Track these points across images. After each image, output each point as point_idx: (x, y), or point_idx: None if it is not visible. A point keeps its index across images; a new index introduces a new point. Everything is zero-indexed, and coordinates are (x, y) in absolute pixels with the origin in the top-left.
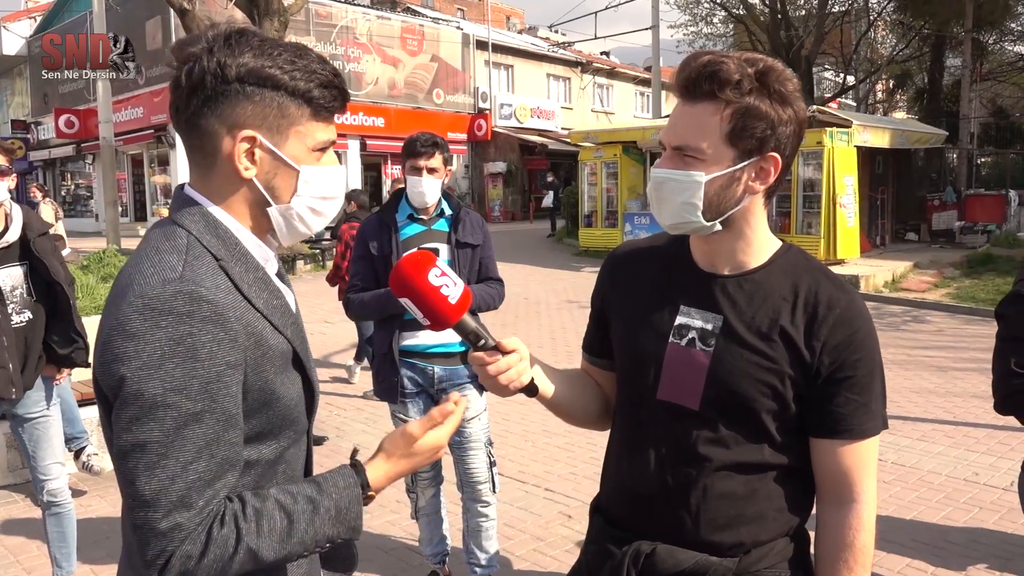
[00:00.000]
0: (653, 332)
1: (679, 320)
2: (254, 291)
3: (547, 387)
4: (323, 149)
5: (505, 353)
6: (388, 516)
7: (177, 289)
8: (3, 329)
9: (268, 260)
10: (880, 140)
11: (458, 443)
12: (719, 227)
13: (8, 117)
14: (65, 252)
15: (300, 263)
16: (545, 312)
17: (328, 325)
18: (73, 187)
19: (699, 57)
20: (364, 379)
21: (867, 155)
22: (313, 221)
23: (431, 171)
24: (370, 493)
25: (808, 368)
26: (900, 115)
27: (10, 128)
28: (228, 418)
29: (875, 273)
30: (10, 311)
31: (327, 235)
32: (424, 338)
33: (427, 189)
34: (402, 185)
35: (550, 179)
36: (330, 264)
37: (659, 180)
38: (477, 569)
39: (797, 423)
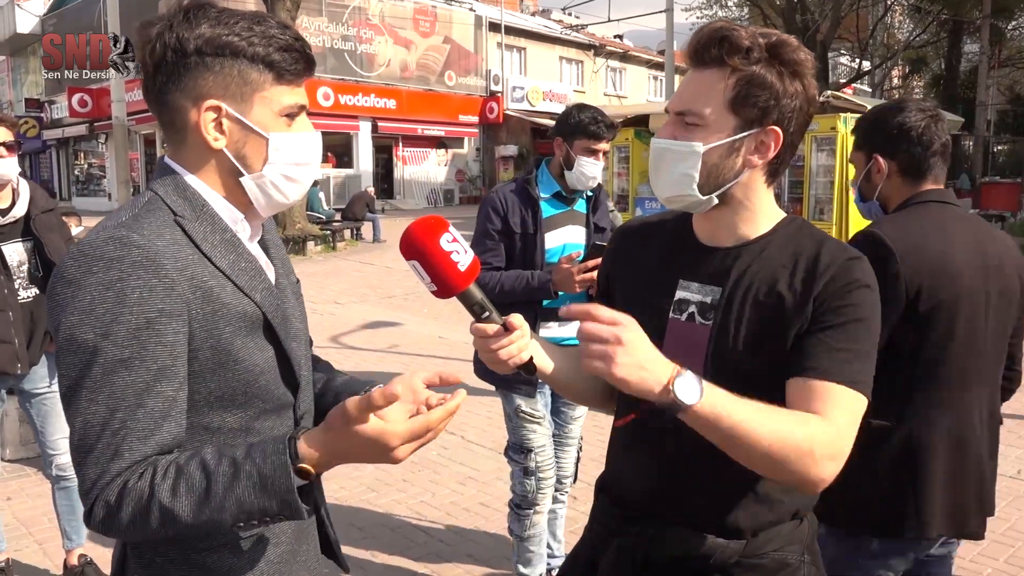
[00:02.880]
0: (653, 308)
1: (678, 295)
2: (218, 251)
3: (546, 364)
4: (292, 114)
5: (510, 330)
6: (394, 495)
7: (109, 235)
8: (9, 304)
9: (237, 222)
10: None
11: (557, 440)
12: (716, 201)
13: (22, 96)
14: (79, 230)
15: (311, 244)
16: None
17: (337, 306)
18: (86, 166)
19: (712, 24)
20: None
21: None
22: (289, 188)
23: (605, 154)
24: (302, 466)
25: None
26: None
27: (24, 107)
28: (160, 368)
29: None
30: (17, 286)
31: (337, 216)
32: (556, 331)
33: (598, 173)
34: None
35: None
36: (341, 245)
37: (658, 150)
38: (551, 561)
39: None
